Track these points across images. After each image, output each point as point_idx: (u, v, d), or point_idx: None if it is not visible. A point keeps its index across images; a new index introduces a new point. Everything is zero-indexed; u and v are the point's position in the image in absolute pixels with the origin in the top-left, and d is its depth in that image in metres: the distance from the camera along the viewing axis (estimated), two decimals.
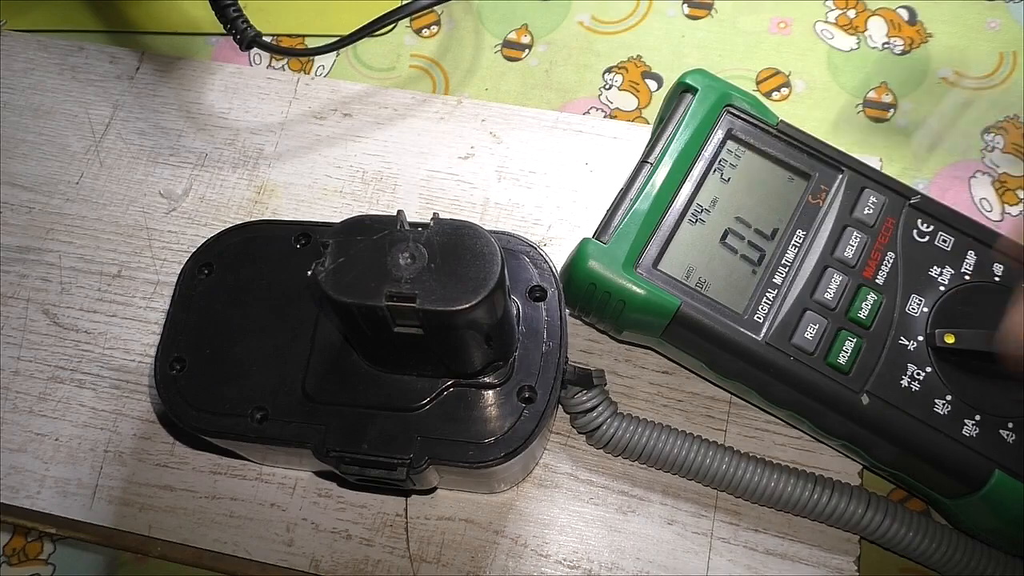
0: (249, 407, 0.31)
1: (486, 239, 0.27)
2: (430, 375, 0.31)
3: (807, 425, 0.34)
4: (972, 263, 0.34)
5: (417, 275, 0.27)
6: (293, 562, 0.35)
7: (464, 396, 0.31)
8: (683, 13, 0.45)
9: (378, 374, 0.31)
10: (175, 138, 0.44)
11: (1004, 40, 0.43)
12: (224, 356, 0.32)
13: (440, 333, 0.28)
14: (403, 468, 0.30)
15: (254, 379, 0.32)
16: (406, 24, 0.47)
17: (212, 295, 0.33)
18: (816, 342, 0.33)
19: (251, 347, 0.32)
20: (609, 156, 0.42)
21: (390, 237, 0.27)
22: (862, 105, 0.42)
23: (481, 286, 0.26)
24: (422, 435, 0.30)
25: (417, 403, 0.31)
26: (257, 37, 0.41)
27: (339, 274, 0.27)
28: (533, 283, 0.32)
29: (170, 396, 0.32)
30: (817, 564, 0.34)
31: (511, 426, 0.30)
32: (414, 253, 0.27)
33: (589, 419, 0.34)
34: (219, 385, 0.32)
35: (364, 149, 0.43)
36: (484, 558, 0.35)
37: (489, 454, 0.30)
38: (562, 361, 0.31)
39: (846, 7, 0.45)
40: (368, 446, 0.30)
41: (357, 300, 0.26)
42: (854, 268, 0.34)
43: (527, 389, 0.31)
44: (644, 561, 0.34)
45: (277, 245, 0.34)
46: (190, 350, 0.32)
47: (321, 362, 0.32)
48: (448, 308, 0.26)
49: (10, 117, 0.46)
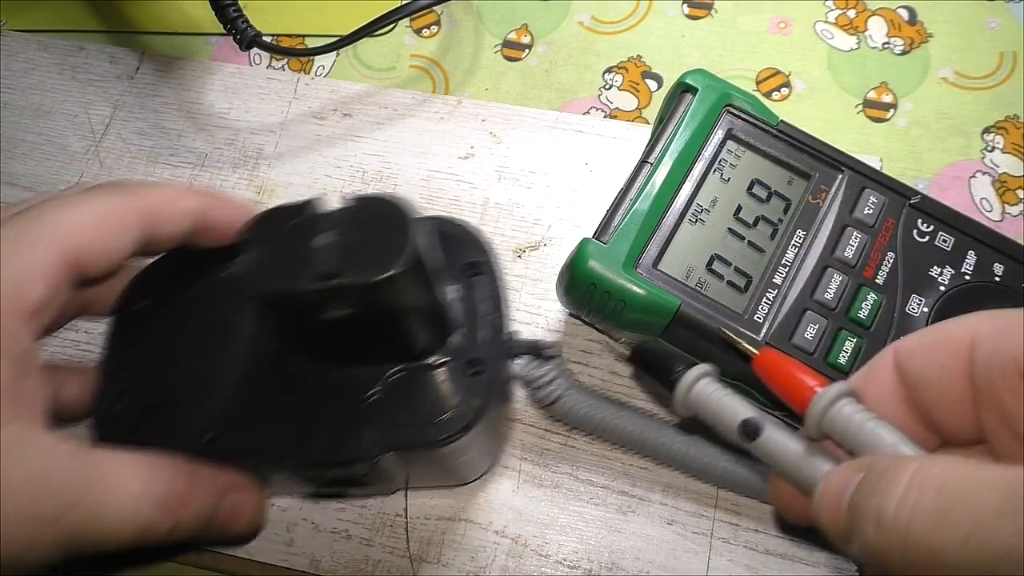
0: (197, 430, 0.30)
1: (396, 208, 0.27)
2: (375, 363, 0.30)
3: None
4: (972, 263, 0.34)
5: (338, 253, 0.26)
6: (293, 562, 0.35)
7: (412, 379, 0.30)
8: (683, 13, 0.45)
9: (322, 372, 0.30)
10: (175, 138, 0.44)
11: (1004, 40, 0.43)
12: (167, 384, 0.32)
13: (374, 312, 0.27)
14: (362, 463, 0.29)
15: (199, 403, 0.31)
16: (406, 24, 0.47)
17: (149, 324, 0.32)
18: (816, 342, 0.33)
19: (193, 371, 0.32)
20: (609, 156, 0.42)
21: (302, 222, 0.27)
22: (862, 105, 0.42)
23: (399, 250, 0.26)
24: (375, 424, 0.29)
25: (366, 394, 0.30)
26: (257, 37, 0.41)
27: (258, 268, 0.26)
28: (468, 259, 0.32)
29: (116, 433, 0.31)
30: (817, 564, 0.34)
31: (463, 400, 0.30)
32: (331, 234, 0.26)
33: (547, 392, 0.34)
34: (165, 413, 0.31)
35: (364, 149, 0.43)
36: (484, 558, 0.35)
37: (444, 430, 0.29)
38: (506, 330, 0.31)
39: (846, 7, 0.45)
40: (322, 446, 0.30)
41: (281, 289, 0.26)
42: (854, 268, 0.34)
43: (474, 362, 0.30)
44: (644, 561, 0.34)
45: (208, 264, 0.33)
46: (132, 382, 0.32)
47: (262, 373, 0.31)
48: (373, 279, 0.26)
49: (10, 117, 0.46)
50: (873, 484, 0.19)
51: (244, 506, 0.31)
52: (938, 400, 0.21)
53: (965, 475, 0.17)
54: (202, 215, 0.31)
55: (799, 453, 0.22)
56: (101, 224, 0.28)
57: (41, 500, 0.25)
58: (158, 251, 0.32)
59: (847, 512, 0.19)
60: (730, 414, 0.24)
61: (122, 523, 0.26)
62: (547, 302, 0.39)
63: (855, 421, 0.21)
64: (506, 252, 0.40)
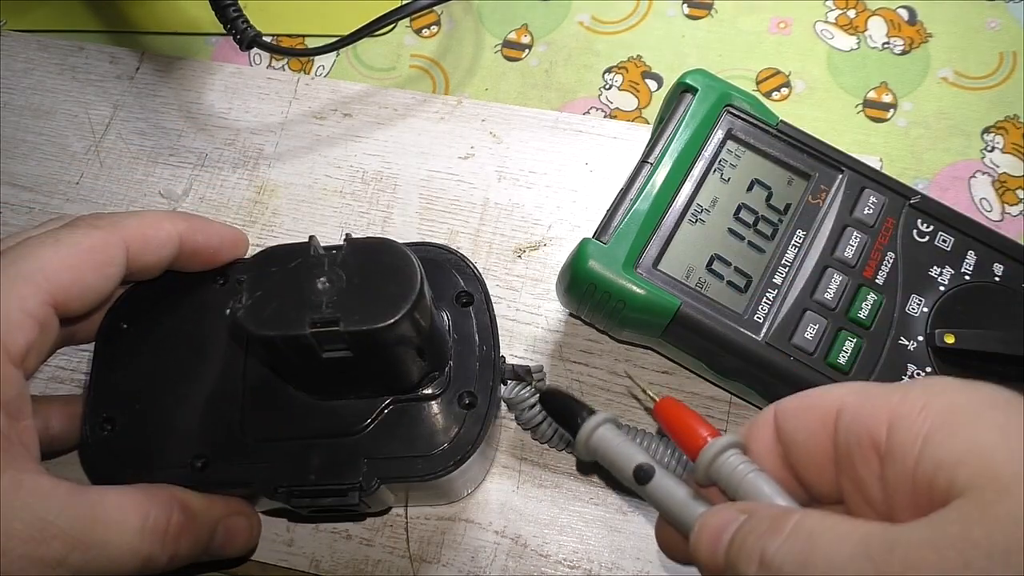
0: (188, 456, 0.31)
1: (401, 252, 0.27)
2: (368, 396, 0.30)
3: None
4: (972, 263, 0.34)
5: (337, 298, 0.26)
6: (293, 562, 0.35)
7: (405, 412, 0.30)
8: (683, 13, 0.45)
9: (316, 403, 0.31)
10: (175, 138, 0.44)
11: (1004, 40, 0.43)
12: (155, 409, 0.31)
13: (369, 353, 0.27)
14: (355, 492, 0.29)
15: (189, 427, 0.31)
16: (406, 24, 0.47)
17: (135, 349, 0.32)
18: (816, 342, 0.33)
19: (182, 395, 0.32)
20: (609, 156, 0.42)
21: (304, 264, 0.27)
22: (862, 105, 0.42)
23: (402, 300, 0.26)
24: (369, 456, 0.30)
25: (359, 426, 0.30)
26: (257, 37, 0.41)
27: (258, 308, 0.27)
28: (459, 289, 0.32)
29: (104, 458, 0.31)
30: None
31: (456, 433, 0.30)
32: (331, 276, 0.27)
33: (530, 416, 0.34)
34: (154, 439, 0.31)
35: (364, 149, 0.43)
36: (484, 558, 0.35)
37: (438, 464, 0.30)
38: (498, 362, 0.31)
39: (846, 7, 0.45)
40: (315, 476, 0.30)
41: (280, 332, 0.26)
42: (854, 268, 0.34)
43: (467, 395, 0.30)
44: (644, 561, 0.34)
45: (195, 289, 0.33)
46: (119, 408, 0.31)
47: (255, 400, 0.31)
48: (372, 327, 0.26)
49: (10, 117, 0.46)
50: (758, 526, 0.21)
51: (240, 529, 0.32)
52: (807, 461, 0.23)
53: (829, 526, 0.20)
54: (186, 240, 0.31)
55: (684, 497, 0.24)
56: (83, 262, 0.28)
57: (44, 544, 0.25)
58: (143, 279, 0.32)
59: (727, 548, 0.21)
60: (626, 459, 0.25)
61: (124, 559, 0.27)
62: (547, 302, 0.39)
63: (739, 472, 0.23)
64: (506, 252, 0.40)
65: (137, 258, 0.30)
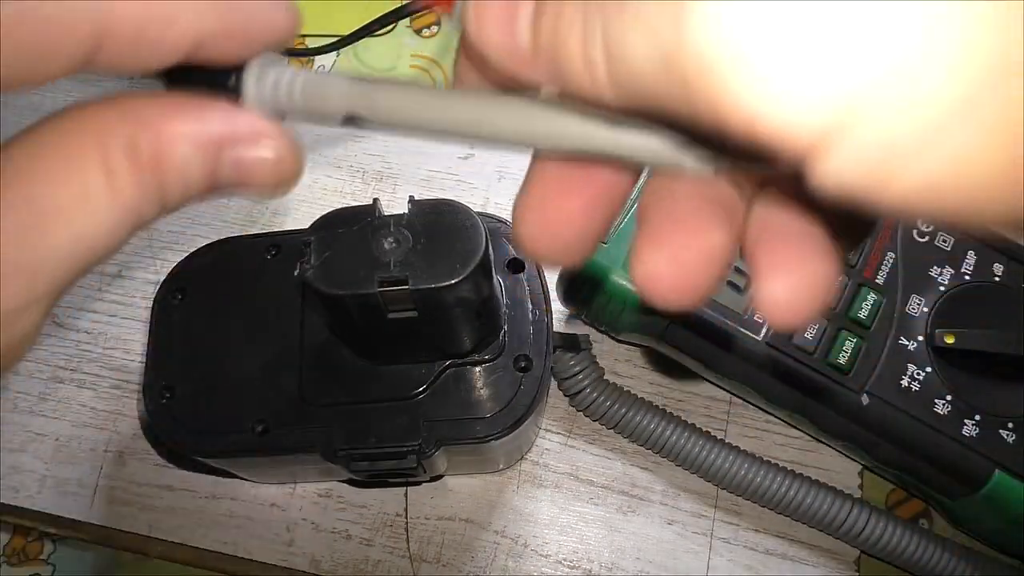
0: (248, 422, 0.31)
1: (465, 211, 0.27)
2: (425, 360, 0.31)
3: (807, 425, 0.34)
4: (972, 263, 0.34)
5: (404, 257, 0.26)
6: (293, 562, 0.35)
7: (462, 375, 0.31)
8: None
9: (373, 368, 0.31)
10: None
11: None
12: (213, 376, 0.32)
13: (434, 313, 0.28)
14: (413, 455, 0.30)
15: (248, 394, 0.31)
16: (406, 24, 0.47)
17: (190, 318, 0.33)
18: (816, 342, 0.32)
19: (239, 363, 0.32)
20: None
21: (371, 225, 0.27)
22: None
23: (469, 258, 0.26)
24: (427, 419, 0.30)
25: (417, 389, 0.30)
26: None
27: (327, 269, 0.27)
28: (510, 256, 0.32)
29: (166, 425, 0.31)
30: (817, 564, 0.34)
31: (513, 396, 0.30)
32: (398, 237, 0.27)
33: (575, 382, 0.35)
34: (213, 405, 0.31)
35: (364, 149, 0.43)
36: (484, 558, 0.35)
37: (496, 426, 0.30)
38: (551, 326, 0.31)
39: None
40: (375, 439, 0.30)
41: (350, 291, 0.26)
42: (854, 268, 0.34)
43: (522, 359, 0.31)
44: (644, 561, 0.34)
45: (248, 259, 0.33)
46: (177, 376, 0.32)
47: (313, 365, 0.31)
48: (441, 284, 0.26)
49: (10, 117, 0.46)
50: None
51: (249, 163, 0.19)
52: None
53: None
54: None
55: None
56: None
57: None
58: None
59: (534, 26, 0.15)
60: (327, 100, 0.18)
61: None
62: None
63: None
64: None
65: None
